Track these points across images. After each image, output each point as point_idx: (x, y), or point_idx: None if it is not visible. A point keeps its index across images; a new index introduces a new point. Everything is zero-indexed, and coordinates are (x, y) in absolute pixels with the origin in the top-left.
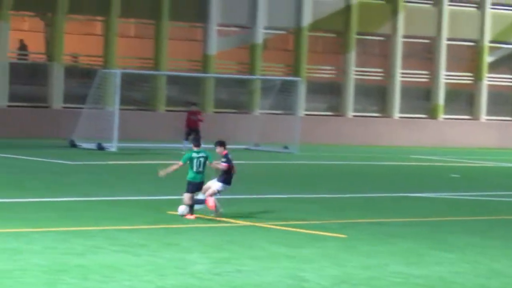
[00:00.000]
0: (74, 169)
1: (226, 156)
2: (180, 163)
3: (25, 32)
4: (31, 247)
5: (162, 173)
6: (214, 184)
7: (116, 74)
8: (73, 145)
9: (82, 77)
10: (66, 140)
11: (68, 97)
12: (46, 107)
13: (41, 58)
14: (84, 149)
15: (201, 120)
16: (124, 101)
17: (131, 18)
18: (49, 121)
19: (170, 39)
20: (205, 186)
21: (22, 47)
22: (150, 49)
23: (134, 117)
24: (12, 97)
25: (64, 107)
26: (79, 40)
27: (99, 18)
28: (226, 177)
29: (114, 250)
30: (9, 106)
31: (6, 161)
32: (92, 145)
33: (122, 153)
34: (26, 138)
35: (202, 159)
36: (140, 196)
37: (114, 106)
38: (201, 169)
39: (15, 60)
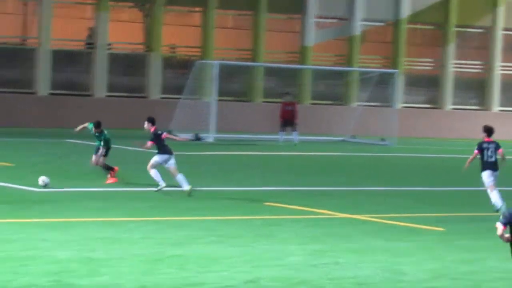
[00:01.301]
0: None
1: (154, 132)
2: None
3: (123, 22)
4: (128, 237)
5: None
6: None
7: (213, 65)
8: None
9: (180, 68)
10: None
11: (166, 88)
12: (144, 97)
13: (139, 49)
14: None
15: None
16: (221, 92)
17: (229, 9)
18: (147, 111)
19: (267, 30)
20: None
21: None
22: (248, 40)
23: (231, 108)
24: (111, 87)
25: (162, 98)
26: (177, 31)
27: (197, 9)
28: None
29: (211, 240)
30: (107, 96)
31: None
32: (189, 136)
33: (219, 144)
34: (123, 129)
35: None
36: (237, 187)
37: (211, 97)
38: None
39: (113, 51)
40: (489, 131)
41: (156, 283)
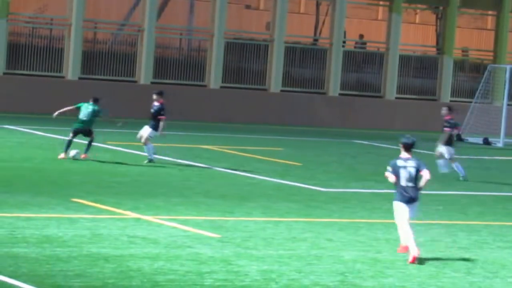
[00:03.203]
0: (460, 163)
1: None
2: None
3: (416, 25)
4: (416, 239)
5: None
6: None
7: (506, 69)
8: (459, 139)
9: (471, 72)
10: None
11: (457, 91)
12: (435, 100)
13: (431, 51)
14: (470, 143)
15: None
16: None
17: None
18: (437, 114)
19: None
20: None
21: (359, 37)
22: None
23: None
24: (401, 89)
25: (452, 101)
26: (470, 34)
27: (491, 12)
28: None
29: (499, 246)
30: (397, 98)
31: (396, 153)
32: (479, 140)
33: (509, 148)
34: (413, 131)
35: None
36: None
37: (503, 101)
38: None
39: (405, 53)
40: None
41: (441, 287)
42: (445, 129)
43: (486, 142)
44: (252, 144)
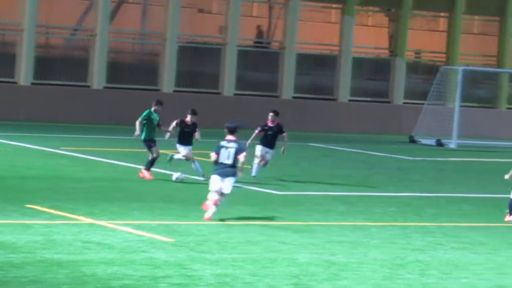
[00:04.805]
0: (414, 165)
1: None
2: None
3: (368, 27)
4: (370, 241)
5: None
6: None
7: (458, 71)
8: (412, 140)
9: (424, 73)
10: (407, 136)
11: (409, 93)
12: (387, 102)
13: (384, 54)
14: (424, 145)
15: None
16: (465, 98)
17: (475, 15)
18: (390, 116)
19: None
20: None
21: (259, 34)
22: (494, 46)
23: (475, 114)
24: (354, 91)
25: (405, 103)
26: (422, 36)
27: (443, 14)
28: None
29: (453, 247)
30: (350, 100)
31: (350, 156)
32: (432, 141)
33: (462, 150)
34: (367, 133)
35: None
36: (480, 193)
37: (455, 103)
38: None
39: (358, 55)
40: None
41: None
42: (283, 134)
43: (439, 143)
44: (207, 148)
